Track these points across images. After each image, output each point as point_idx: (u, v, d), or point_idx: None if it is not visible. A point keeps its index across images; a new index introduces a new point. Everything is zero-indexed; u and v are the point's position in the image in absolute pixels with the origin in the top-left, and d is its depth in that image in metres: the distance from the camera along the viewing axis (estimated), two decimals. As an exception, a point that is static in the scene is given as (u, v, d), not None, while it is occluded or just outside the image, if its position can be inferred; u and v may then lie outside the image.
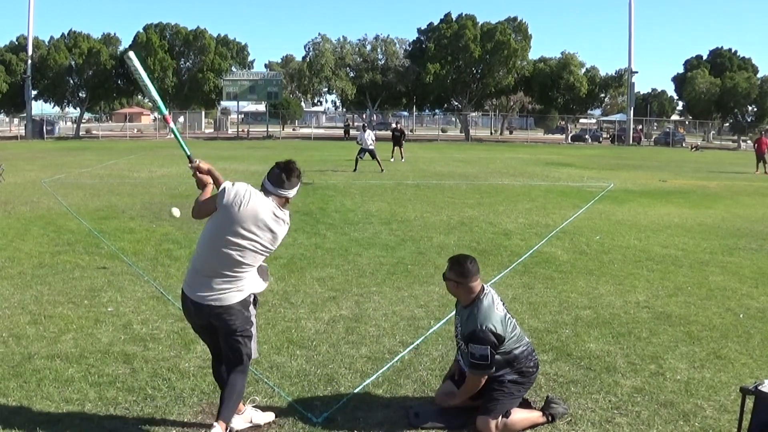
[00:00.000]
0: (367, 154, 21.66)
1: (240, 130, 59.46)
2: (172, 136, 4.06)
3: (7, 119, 68.15)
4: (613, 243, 9.30)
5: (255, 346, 3.57)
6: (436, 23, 55.12)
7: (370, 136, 21.97)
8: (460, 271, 3.75)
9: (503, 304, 3.87)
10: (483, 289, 3.79)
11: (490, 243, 9.10)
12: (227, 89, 54.04)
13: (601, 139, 59.92)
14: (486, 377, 3.68)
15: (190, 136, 54.32)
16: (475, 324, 3.63)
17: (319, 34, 58.35)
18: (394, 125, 29.62)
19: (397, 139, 27.14)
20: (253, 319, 3.54)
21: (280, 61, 61.06)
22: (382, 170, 20.69)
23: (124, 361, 4.59)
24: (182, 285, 3.55)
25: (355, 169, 20.81)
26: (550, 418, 3.79)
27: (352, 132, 52.06)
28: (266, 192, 3.48)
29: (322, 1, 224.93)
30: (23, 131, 51.05)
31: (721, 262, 8.21)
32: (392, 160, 25.85)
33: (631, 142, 54.64)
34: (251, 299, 3.51)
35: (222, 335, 3.49)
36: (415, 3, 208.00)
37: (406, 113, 75.76)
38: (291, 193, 3.51)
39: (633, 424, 3.79)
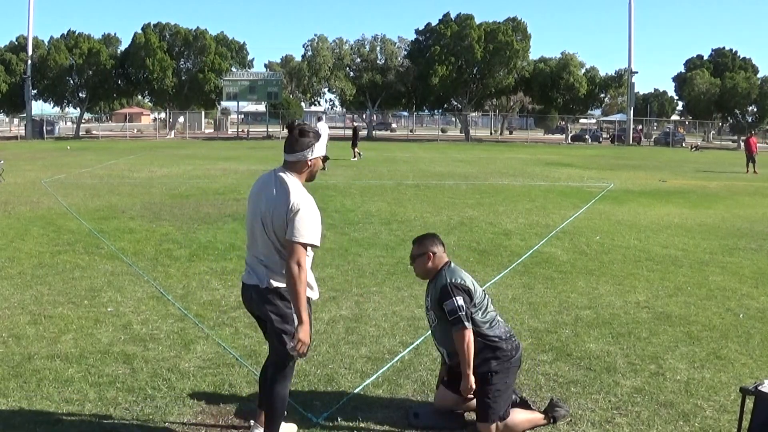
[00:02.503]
0: None
1: (240, 130, 59.48)
2: None
3: (7, 119, 68.19)
4: (613, 243, 9.30)
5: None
6: (434, 24, 55.17)
7: (324, 129, 21.77)
8: (433, 241, 3.78)
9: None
10: (449, 262, 3.81)
11: (490, 243, 9.10)
12: (227, 89, 54.04)
13: (601, 139, 59.97)
14: (471, 332, 3.55)
15: (190, 136, 54.37)
16: (443, 282, 3.63)
17: (315, 34, 58.19)
18: (355, 123, 29.72)
19: (353, 136, 27.26)
20: (290, 323, 3.28)
21: (279, 61, 60.97)
22: (324, 168, 20.62)
23: (124, 361, 4.59)
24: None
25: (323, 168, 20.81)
26: (551, 420, 3.78)
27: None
28: (284, 164, 3.34)
29: (323, 1, 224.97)
30: (23, 131, 51.10)
31: (721, 262, 8.21)
32: (354, 158, 25.91)
33: (631, 142, 54.69)
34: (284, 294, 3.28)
35: (267, 327, 3.37)
36: (415, 3, 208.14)
37: (406, 113, 75.77)
38: (298, 155, 3.26)
39: (633, 425, 3.78)
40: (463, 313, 3.54)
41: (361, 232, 9.80)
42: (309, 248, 3.23)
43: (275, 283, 3.25)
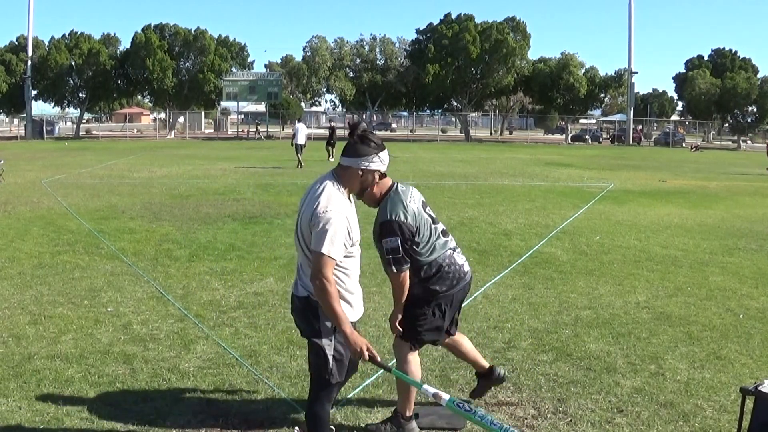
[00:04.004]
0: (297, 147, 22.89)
1: (240, 130, 59.45)
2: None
3: (7, 119, 68.15)
4: (613, 243, 9.30)
5: (334, 368, 3.10)
6: (435, 23, 55.21)
7: (303, 130, 23.11)
8: None
9: (426, 206, 3.60)
10: (394, 185, 3.52)
11: (490, 243, 9.10)
12: (227, 89, 54.02)
13: (601, 140, 59.95)
14: (407, 274, 3.44)
15: (190, 137, 54.35)
16: (385, 216, 3.41)
17: (313, 36, 58.33)
18: (330, 124, 29.59)
19: (330, 137, 26.78)
20: (325, 338, 3.08)
21: (279, 61, 60.98)
22: (300, 167, 21.88)
23: (124, 361, 4.59)
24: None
25: (300, 165, 22.09)
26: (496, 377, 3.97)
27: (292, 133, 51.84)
28: (337, 168, 3.13)
29: (322, 1, 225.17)
30: (23, 131, 51.08)
31: (721, 262, 8.21)
32: (331, 159, 25.58)
33: (631, 142, 54.70)
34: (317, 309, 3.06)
35: None
36: (415, 3, 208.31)
37: (406, 113, 75.75)
38: (351, 161, 3.06)
39: (633, 425, 3.78)
40: (400, 254, 3.38)
41: (361, 232, 9.76)
42: (347, 261, 3.09)
43: (304, 292, 3.12)
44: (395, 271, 3.44)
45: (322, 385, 3.14)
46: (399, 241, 3.38)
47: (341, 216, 2.96)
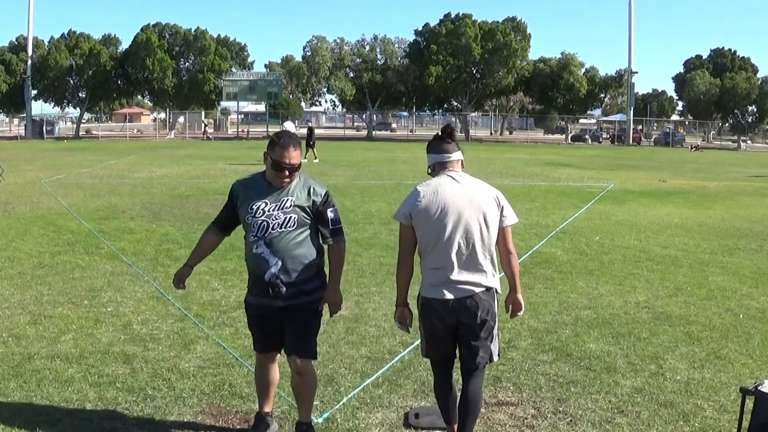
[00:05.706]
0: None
1: (240, 130, 59.43)
2: None
3: (7, 119, 68.15)
4: (613, 243, 9.30)
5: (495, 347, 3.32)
6: (434, 23, 55.24)
7: (290, 128, 23.58)
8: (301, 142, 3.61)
9: None
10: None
11: (490, 243, 9.08)
12: (227, 89, 54.01)
13: (601, 140, 59.92)
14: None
15: (190, 137, 54.34)
16: (323, 188, 3.48)
17: (313, 35, 58.28)
18: (308, 125, 29.14)
19: (308, 138, 25.38)
20: (497, 319, 3.30)
21: (279, 61, 60.94)
22: None
23: (124, 361, 4.59)
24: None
25: None
26: None
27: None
28: (452, 165, 3.50)
29: (322, 1, 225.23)
30: (23, 131, 51.09)
31: (721, 262, 8.21)
32: (305, 161, 25.31)
33: (631, 142, 54.68)
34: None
35: (471, 333, 3.25)
36: (415, 3, 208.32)
37: (406, 113, 75.73)
38: (460, 153, 3.49)
39: (633, 425, 3.78)
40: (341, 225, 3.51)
41: (361, 232, 9.79)
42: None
43: (487, 283, 3.25)
44: (342, 240, 3.58)
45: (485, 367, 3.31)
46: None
47: None
